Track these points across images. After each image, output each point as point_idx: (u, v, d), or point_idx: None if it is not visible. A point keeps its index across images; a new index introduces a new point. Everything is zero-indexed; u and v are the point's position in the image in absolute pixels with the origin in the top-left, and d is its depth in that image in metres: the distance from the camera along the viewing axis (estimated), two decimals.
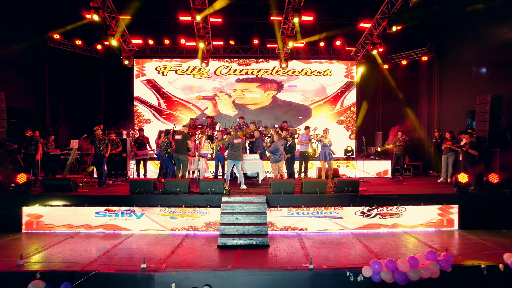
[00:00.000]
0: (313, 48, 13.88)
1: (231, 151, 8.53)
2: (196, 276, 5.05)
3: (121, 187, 8.92)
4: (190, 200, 7.43)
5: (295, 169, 9.86)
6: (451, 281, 5.14)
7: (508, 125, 8.96)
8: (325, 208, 7.40)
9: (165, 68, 13.88)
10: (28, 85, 12.04)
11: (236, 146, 8.50)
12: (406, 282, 4.94)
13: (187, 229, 7.25)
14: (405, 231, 7.43)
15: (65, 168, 9.58)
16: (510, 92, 8.99)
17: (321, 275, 5.04)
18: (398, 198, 7.71)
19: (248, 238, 6.38)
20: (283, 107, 14.15)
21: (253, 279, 5.04)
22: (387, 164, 11.57)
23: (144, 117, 13.98)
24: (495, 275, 5.15)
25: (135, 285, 5.01)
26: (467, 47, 11.38)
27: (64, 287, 4.86)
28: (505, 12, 9.44)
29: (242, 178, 8.65)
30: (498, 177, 8.06)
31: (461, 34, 11.72)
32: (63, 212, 7.40)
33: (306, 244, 6.43)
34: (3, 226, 7.28)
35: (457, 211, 7.61)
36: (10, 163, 8.73)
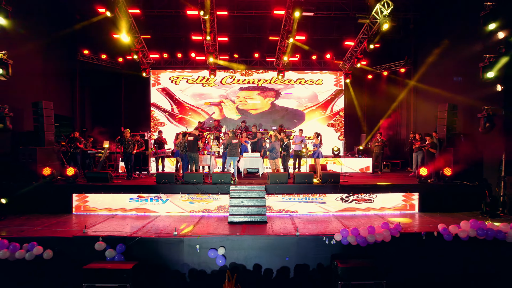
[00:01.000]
0: (306, 60, 15.64)
1: (230, 149, 10.32)
2: (214, 240, 6.84)
3: (146, 179, 10.71)
4: (204, 188, 9.20)
5: (290, 165, 11.63)
6: (399, 243, 6.91)
7: (462, 128, 10.73)
8: (312, 195, 9.16)
9: (178, 78, 15.68)
10: (63, 94, 13.80)
11: (234, 145, 10.29)
12: (365, 244, 6.71)
13: (203, 212, 9.02)
14: (376, 213, 9.18)
15: (99, 164, 11.39)
16: (465, 101, 10.72)
17: (304, 239, 6.83)
18: (371, 187, 9.49)
19: (251, 216, 8.16)
20: (280, 112, 15.94)
21: (255, 242, 6.83)
22: (368, 161, 13.32)
23: (159, 120, 15.77)
24: (431, 239, 6.94)
25: (170, 247, 6.80)
26: (436, 61, 13.09)
27: (120, 247, 6.66)
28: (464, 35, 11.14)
29: (236, 171, 10.39)
30: (451, 170, 9.80)
31: (432, 50, 13.43)
32: (104, 198, 9.18)
33: (296, 222, 8.19)
34: (57, 208, 9.05)
35: (418, 198, 9.36)
36: (57, 159, 10.53)
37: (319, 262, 6.82)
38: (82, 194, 9.17)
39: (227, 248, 6.79)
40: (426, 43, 13.76)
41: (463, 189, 9.56)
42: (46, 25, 12.06)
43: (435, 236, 6.95)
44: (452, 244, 6.91)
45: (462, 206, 9.39)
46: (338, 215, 8.98)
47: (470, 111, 10.61)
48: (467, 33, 10.74)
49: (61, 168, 10.52)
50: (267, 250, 6.84)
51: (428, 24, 13.70)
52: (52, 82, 12.77)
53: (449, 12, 12.32)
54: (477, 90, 9.88)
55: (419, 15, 14.04)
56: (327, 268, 6.73)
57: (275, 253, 6.83)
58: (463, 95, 10.87)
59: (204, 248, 6.78)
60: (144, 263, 6.47)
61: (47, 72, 12.26)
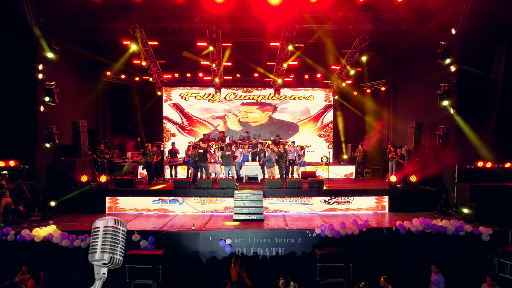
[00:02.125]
0: (299, 78, 17.56)
1: (224, 160, 12.31)
2: (222, 233, 8.77)
3: (164, 184, 12.64)
4: (213, 193, 11.11)
5: None
6: (366, 236, 8.83)
7: (428, 142, 12.64)
8: (301, 197, 11.09)
9: (187, 94, 17.63)
10: (89, 109, 15.70)
11: (227, 156, 12.27)
12: (338, 236, 8.64)
13: (212, 211, 10.94)
14: (353, 213, 11.07)
15: (123, 172, 13.33)
16: (430, 119, 12.63)
17: (292, 232, 8.78)
18: (349, 191, 11.40)
19: (251, 215, 10.09)
20: (277, 124, 17.88)
21: (255, 233, 8.77)
22: (352, 168, 15.23)
23: (170, 132, 17.71)
24: (390, 233, 8.87)
25: (189, 238, 8.73)
26: (411, 82, 15.01)
27: (151, 238, 8.59)
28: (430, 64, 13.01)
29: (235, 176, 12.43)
30: (417, 177, 11.70)
31: (408, 72, 15.34)
32: (131, 201, 11.10)
33: (287, 219, 10.11)
34: (94, 209, 10.94)
35: (388, 200, 11.27)
36: (90, 168, 12.47)
37: (304, 250, 8.75)
38: (114, 197, 11.10)
39: (233, 239, 8.73)
40: (403, 66, 15.68)
41: (426, 193, 11.42)
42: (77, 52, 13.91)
43: (393, 231, 8.88)
44: (406, 236, 8.84)
45: (424, 207, 11.19)
46: (322, 214, 10.89)
47: (434, 128, 12.54)
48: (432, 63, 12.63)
49: (93, 175, 12.47)
50: (263, 241, 8.78)
51: (405, 50, 15.58)
52: (80, 100, 14.64)
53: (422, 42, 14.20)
54: (438, 111, 11.78)
55: (397, 41, 15.94)
56: (310, 254, 8.65)
57: (269, 243, 8.77)
58: (429, 114, 12.75)
59: (215, 239, 8.71)
60: (170, 250, 8.36)
61: (78, 92, 14.15)
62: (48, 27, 10.84)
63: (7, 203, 9.14)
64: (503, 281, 7.87)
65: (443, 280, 7.55)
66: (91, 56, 14.61)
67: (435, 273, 7.69)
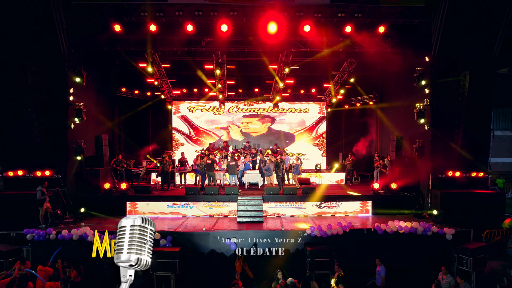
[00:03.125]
0: (296, 93, 19.13)
1: (229, 169, 13.88)
2: (228, 233, 10.34)
3: (176, 191, 14.19)
4: (220, 198, 12.67)
5: None
6: (348, 235, 10.39)
7: (408, 153, 14.19)
8: (295, 202, 12.66)
9: (194, 107, 19.22)
10: (106, 122, 17.21)
11: (232, 166, 13.84)
12: (326, 235, 10.19)
13: (219, 215, 12.49)
14: (341, 216, 12.66)
15: (139, 179, 14.90)
16: (411, 133, 14.15)
17: (287, 232, 10.35)
18: (337, 197, 12.99)
19: (252, 217, 11.65)
20: (275, 134, 19.46)
21: (255, 234, 10.33)
22: (342, 175, 16.79)
23: (179, 141, 19.29)
24: (369, 233, 10.44)
25: (201, 237, 10.30)
26: (395, 98, 16.55)
27: (169, 238, 10.13)
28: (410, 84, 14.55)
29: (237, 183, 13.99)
30: (397, 184, 13.28)
31: (393, 89, 16.90)
32: (149, 205, 12.67)
33: (283, 221, 11.68)
34: (116, 212, 12.45)
35: (371, 205, 12.84)
36: (110, 176, 14.03)
37: (297, 247, 10.31)
38: (133, 202, 12.65)
39: (237, 238, 10.30)
40: (388, 83, 17.24)
41: (405, 198, 12.96)
42: (97, 72, 15.46)
43: (372, 231, 10.46)
44: (383, 236, 10.40)
45: (404, 210, 12.86)
46: (313, 217, 12.45)
47: (412, 141, 14.09)
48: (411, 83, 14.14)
49: (113, 183, 14.03)
50: (263, 240, 10.35)
51: (390, 69, 17.10)
52: (99, 114, 16.22)
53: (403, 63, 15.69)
54: (417, 127, 13.30)
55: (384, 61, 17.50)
56: (301, 250, 10.21)
57: (268, 242, 10.34)
58: (409, 128, 14.26)
59: (223, 238, 10.28)
60: (185, 247, 9.93)
61: (97, 107, 15.70)
62: (76, 55, 12.45)
63: (47, 208, 10.73)
64: (462, 272, 9.44)
65: (384, 270, 9.15)
66: (108, 74, 16.23)
67: (379, 265, 9.26)
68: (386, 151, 16.29)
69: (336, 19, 12.43)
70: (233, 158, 14.21)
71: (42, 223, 10.67)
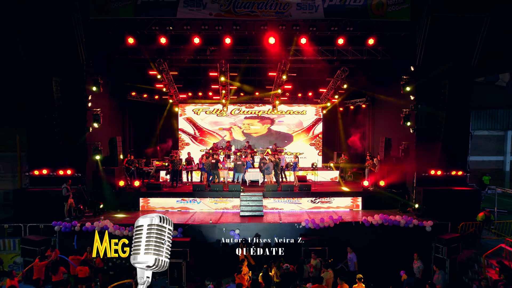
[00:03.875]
0: (294, 96, 20.25)
1: (237, 168, 15.05)
2: (232, 225, 11.55)
3: (183, 187, 15.37)
4: (224, 194, 13.85)
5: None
6: (339, 228, 11.60)
7: (396, 153, 15.37)
8: (292, 198, 13.87)
9: (199, 109, 20.39)
10: (118, 124, 18.40)
11: (239, 165, 15.01)
12: (318, 228, 11.39)
13: (223, 209, 13.69)
14: (333, 210, 13.87)
15: (149, 177, 16.11)
16: (398, 135, 15.30)
17: (284, 225, 11.57)
18: (331, 193, 14.18)
19: (254, 211, 12.86)
20: (274, 135, 20.63)
21: (256, 226, 11.56)
22: (336, 172, 17.97)
23: (184, 141, 20.47)
24: (357, 225, 11.65)
25: (208, 229, 11.52)
26: (386, 102, 17.68)
27: (180, 230, 11.33)
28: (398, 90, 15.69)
29: (241, 181, 15.13)
30: (385, 182, 14.46)
31: (383, 93, 18.01)
32: (159, 200, 13.86)
33: (281, 215, 12.88)
34: (130, 207, 13.70)
35: (361, 200, 14.05)
36: (123, 174, 15.22)
37: (293, 237, 11.49)
38: (145, 198, 13.88)
39: (240, 230, 11.51)
40: (379, 87, 18.36)
41: (392, 195, 14.20)
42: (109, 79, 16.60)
43: (359, 224, 11.67)
44: (370, 228, 11.61)
45: (390, 205, 13.89)
46: (309, 211, 13.64)
47: (400, 142, 15.26)
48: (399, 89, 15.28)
49: (126, 181, 15.22)
50: (263, 231, 11.57)
51: (381, 75, 18.22)
52: (112, 117, 17.40)
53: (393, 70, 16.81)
54: (404, 129, 14.42)
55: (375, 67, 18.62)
56: (297, 241, 11.41)
57: (267, 233, 11.56)
58: (398, 131, 15.40)
59: (227, 229, 11.50)
60: (194, 238, 11.15)
61: (110, 111, 16.85)
62: (93, 64, 13.59)
63: (71, 203, 11.94)
64: (438, 259, 10.66)
65: (355, 257, 10.29)
66: (119, 80, 17.37)
67: (350, 253, 10.40)
68: (377, 151, 17.43)
69: (330, 32, 13.55)
70: (239, 158, 15.38)
71: (66, 216, 11.87)
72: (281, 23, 13.20)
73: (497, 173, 24.82)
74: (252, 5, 12.83)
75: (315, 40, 14.58)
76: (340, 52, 15.34)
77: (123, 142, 18.64)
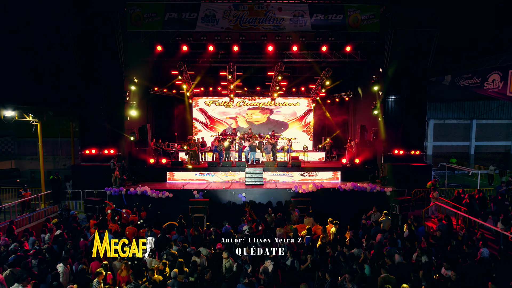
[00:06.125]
0: (289, 90, 23.08)
1: (251, 149, 18.09)
2: (240, 190, 14.70)
3: (200, 165, 18.49)
4: (233, 169, 16.96)
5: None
6: (321, 192, 14.73)
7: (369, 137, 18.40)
8: (286, 172, 17.00)
9: (209, 102, 23.37)
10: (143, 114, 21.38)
11: (253, 146, 18.07)
12: (305, 192, 14.52)
13: (232, 180, 16.81)
14: (318, 181, 16.97)
15: (171, 155, 19.22)
16: (372, 122, 18.29)
17: (279, 190, 14.73)
18: (316, 169, 17.31)
19: (256, 181, 15.97)
20: (273, 123, 23.65)
21: (258, 191, 14.73)
22: (323, 154, 21.04)
23: (197, 128, 23.51)
24: (334, 191, 14.80)
25: (221, 193, 14.68)
26: (363, 95, 20.64)
27: (201, 193, 14.49)
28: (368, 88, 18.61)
29: (254, 159, 18.24)
30: (359, 160, 17.56)
31: (362, 88, 20.92)
32: (182, 174, 16.99)
33: (277, 184, 16.04)
34: (159, 179, 16.76)
35: (340, 174, 17.17)
36: (153, 154, 18.32)
37: (286, 199, 14.68)
38: (171, 172, 17.02)
39: (246, 194, 14.69)
40: (359, 83, 21.28)
41: (365, 169, 17.27)
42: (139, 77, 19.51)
43: (336, 189, 14.82)
44: (343, 192, 14.76)
45: (364, 178, 16.89)
46: (299, 182, 16.78)
47: (371, 128, 18.30)
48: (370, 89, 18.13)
49: (155, 158, 18.32)
50: (263, 195, 14.76)
51: (360, 72, 21.02)
52: (140, 107, 20.39)
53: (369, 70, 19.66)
54: (375, 117, 17.50)
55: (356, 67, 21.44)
56: (288, 201, 14.60)
57: (266, 196, 14.74)
58: (370, 119, 18.47)
59: (236, 193, 14.68)
60: (211, 199, 14.25)
61: (139, 102, 19.88)
62: (129, 67, 16.57)
63: (116, 175, 15.09)
64: (393, 216, 13.81)
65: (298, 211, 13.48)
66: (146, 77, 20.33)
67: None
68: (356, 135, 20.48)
69: (316, 41, 16.46)
70: (252, 142, 18.42)
71: (113, 184, 15.03)
72: (277, 34, 16.10)
73: (463, 156, 27.91)
74: (254, 20, 15.73)
75: (305, 47, 17.47)
76: (326, 55, 18.23)
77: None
